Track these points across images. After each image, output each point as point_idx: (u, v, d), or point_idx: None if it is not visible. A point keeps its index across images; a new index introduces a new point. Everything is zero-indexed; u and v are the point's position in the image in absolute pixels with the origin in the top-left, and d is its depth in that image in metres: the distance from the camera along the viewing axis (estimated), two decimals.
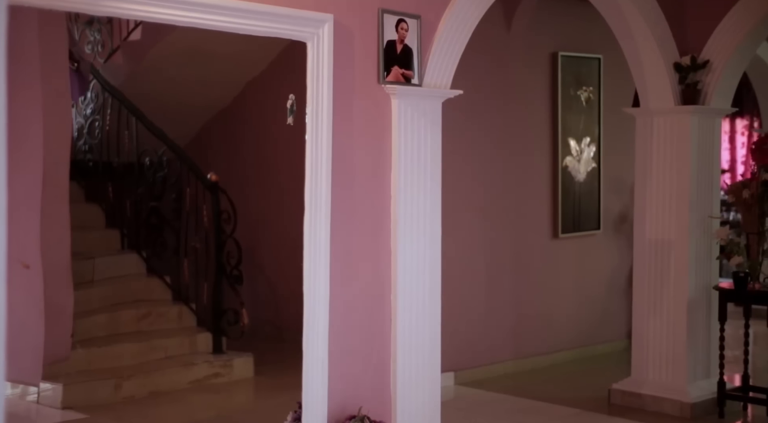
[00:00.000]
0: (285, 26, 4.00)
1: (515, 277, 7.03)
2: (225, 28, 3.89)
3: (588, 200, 7.48)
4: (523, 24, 6.92)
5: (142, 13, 3.69)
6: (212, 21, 3.81)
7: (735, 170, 10.47)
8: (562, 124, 7.28)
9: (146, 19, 3.87)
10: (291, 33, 4.05)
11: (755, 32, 5.73)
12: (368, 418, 4.16)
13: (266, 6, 3.90)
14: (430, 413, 4.51)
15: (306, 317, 4.09)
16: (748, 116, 10.44)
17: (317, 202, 4.09)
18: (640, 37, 5.70)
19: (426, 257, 4.48)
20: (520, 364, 6.97)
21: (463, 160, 6.56)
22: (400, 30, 4.34)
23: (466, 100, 5.37)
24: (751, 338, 5.85)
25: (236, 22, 3.86)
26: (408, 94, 4.38)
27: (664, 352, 5.83)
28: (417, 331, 4.44)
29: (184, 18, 3.74)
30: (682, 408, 5.70)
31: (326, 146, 4.11)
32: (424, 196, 4.47)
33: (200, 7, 3.72)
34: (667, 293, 5.82)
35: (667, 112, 5.80)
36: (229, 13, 3.81)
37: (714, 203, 5.93)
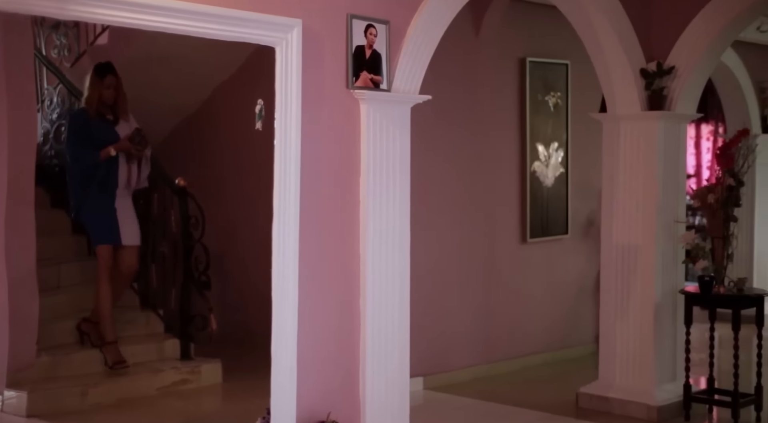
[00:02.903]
0: (253, 31, 3.99)
1: (484, 281, 7.05)
2: (193, 33, 3.87)
3: (556, 205, 7.53)
4: (492, 30, 6.96)
5: (109, 18, 3.66)
6: (180, 26, 3.79)
7: (700, 175, 10.58)
8: (530, 130, 7.32)
9: (113, 23, 3.84)
10: (259, 38, 4.04)
11: (719, 39, 5.80)
12: None
13: (234, 11, 3.89)
14: (399, 418, 4.51)
15: (274, 323, 4.08)
16: (713, 122, 10.55)
17: (286, 207, 4.08)
18: (607, 44, 5.75)
19: (395, 262, 4.48)
20: (489, 369, 6.99)
21: (431, 165, 6.58)
22: (369, 35, 4.35)
23: (435, 106, 5.39)
24: (716, 341, 5.91)
25: (204, 26, 3.85)
26: (377, 100, 4.38)
27: (631, 356, 5.88)
28: (386, 336, 4.44)
29: (152, 23, 3.72)
30: (648, 411, 5.74)
31: (295, 151, 4.10)
32: (393, 201, 4.47)
33: (168, 11, 3.70)
34: (633, 297, 5.87)
35: (633, 118, 5.85)
36: (197, 18, 3.79)
37: (680, 208, 5.99)
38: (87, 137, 5.99)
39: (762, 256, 9.40)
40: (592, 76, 6.09)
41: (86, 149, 5.98)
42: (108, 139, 6.00)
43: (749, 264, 9.11)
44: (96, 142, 5.98)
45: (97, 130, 6.01)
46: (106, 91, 6.02)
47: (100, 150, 5.96)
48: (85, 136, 6.00)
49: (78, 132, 6.04)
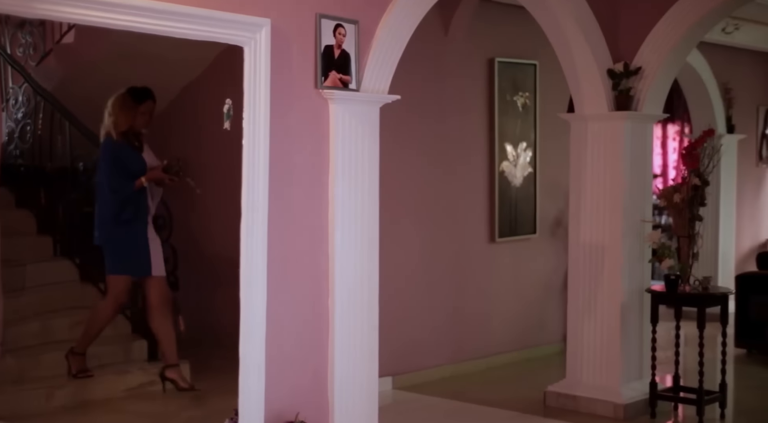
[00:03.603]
0: (222, 30, 3.97)
1: (453, 281, 7.07)
2: (161, 32, 3.84)
3: (524, 205, 7.57)
4: (461, 30, 6.98)
5: (75, 16, 3.62)
6: (147, 25, 3.76)
7: (667, 175, 10.69)
8: (498, 129, 7.35)
9: (79, 21, 3.81)
10: (228, 37, 4.02)
11: (685, 40, 5.86)
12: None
13: (203, 10, 3.87)
14: (367, 418, 4.51)
15: (243, 323, 4.06)
16: (679, 122, 10.65)
17: (254, 207, 4.07)
18: (575, 44, 5.79)
19: (364, 262, 4.48)
20: (458, 368, 7.01)
21: (400, 165, 6.59)
22: (338, 35, 4.35)
23: (404, 106, 5.40)
24: (681, 339, 5.98)
25: (172, 25, 3.82)
26: (345, 99, 4.38)
27: (598, 354, 5.92)
28: (355, 336, 4.44)
29: (119, 21, 3.69)
30: (615, 409, 5.79)
31: (263, 151, 4.09)
32: (361, 200, 4.47)
33: (135, 10, 3.68)
34: (600, 296, 5.91)
35: (601, 118, 5.90)
36: (165, 17, 3.77)
37: (646, 207, 6.05)
38: (123, 166, 5.77)
39: (726, 254, 9.51)
40: (560, 76, 6.13)
41: (123, 179, 5.74)
42: (140, 168, 5.78)
43: (714, 263, 9.21)
44: (129, 171, 5.77)
45: (128, 158, 5.81)
46: (141, 118, 5.79)
47: (132, 179, 5.75)
48: (122, 166, 5.76)
49: (115, 160, 5.77)
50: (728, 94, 9.50)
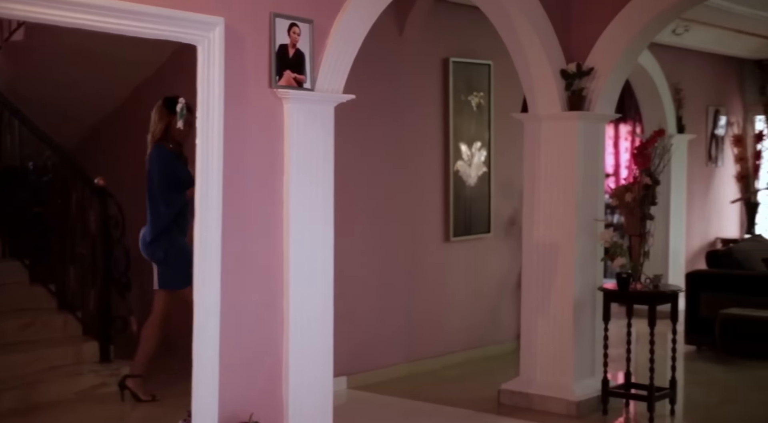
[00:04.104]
0: (175, 29, 3.94)
1: (408, 280, 7.09)
2: (112, 30, 3.80)
3: (479, 204, 7.61)
4: (415, 30, 7.00)
5: (24, 13, 3.57)
6: (98, 22, 3.72)
7: (619, 174, 10.81)
8: (453, 129, 7.38)
9: (28, 19, 3.75)
10: (181, 36, 3.99)
11: (636, 41, 5.94)
12: None
13: (155, 8, 3.83)
14: (322, 418, 4.51)
15: (196, 323, 4.04)
16: (631, 122, 10.78)
17: (208, 207, 4.04)
18: (528, 45, 5.83)
19: (318, 262, 4.47)
20: (413, 367, 7.03)
21: (355, 165, 6.58)
22: (292, 34, 4.33)
23: (359, 105, 5.39)
24: (633, 337, 6.05)
25: (124, 23, 3.78)
26: (300, 99, 4.37)
27: (551, 352, 5.98)
28: (309, 336, 4.43)
29: (69, 19, 3.64)
30: (568, 406, 5.85)
31: (217, 150, 4.07)
32: (316, 200, 4.46)
33: (86, 8, 3.63)
34: (554, 294, 5.97)
35: (554, 118, 5.95)
36: (116, 15, 3.73)
37: (599, 206, 6.11)
38: (175, 178, 5.68)
39: (677, 253, 9.66)
40: (514, 76, 6.17)
41: (176, 192, 5.67)
42: (188, 179, 5.50)
43: (665, 261, 9.35)
44: (181, 182, 5.66)
45: (178, 170, 5.70)
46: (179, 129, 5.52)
47: (183, 191, 5.65)
48: (174, 178, 5.69)
49: (169, 172, 5.69)
50: (678, 95, 9.64)
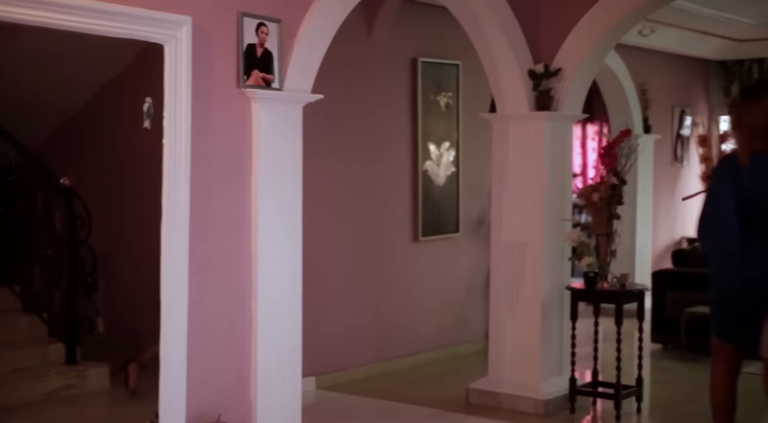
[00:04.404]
0: (141, 28, 3.91)
1: (376, 280, 7.09)
2: (78, 29, 3.76)
3: (447, 204, 7.63)
4: (384, 30, 7.00)
5: None
6: (64, 21, 3.68)
7: (586, 174, 10.89)
8: (422, 129, 7.39)
9: None
10: (147, 35, 3.97)
11: (603, 42, 5.98)
12: None
13: (121, 6, 3.81)
14: (290, 418, 4.50)
15: (163, 325, 4.01)
16: (598, 122, 10.86)
17: (175, 207, 4.02)
18: (496, 45, 5.85)
19: (287, 262, 4.46)
20: (382, 367, 7.04)
21: (323, 165, 6.57)
22: (260, 34, 4.32)
23: (327, 105, 5.39)
24: (600, 336, 6.09)
25: (89, 22, 3.75)
26: (268, 98, 4.36)
27: (520, 351, 6.00)
28: (277, 336, 4.42)
29: (34, 17, 3.61)
30: (536, 405, 5.87)
31: (185, 151, 4.05)
32: (284, 200, 4.45)
33: (51, 6, 3.60)
34: (522, 294, 5.99)
35: (522, 118, 5.98)
36: (82, 14, 3.70)
37: (566, 206, 6.15)
38: None
39: (643, 252, 9.74)
40: (483, 76, 6.19)
41: None
42: None
43: (631, 260, 9.42)
44: None
45: None
46: None
47: None
48: None
49: None
50: (644, 95, 9.72)
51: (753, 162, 4.16)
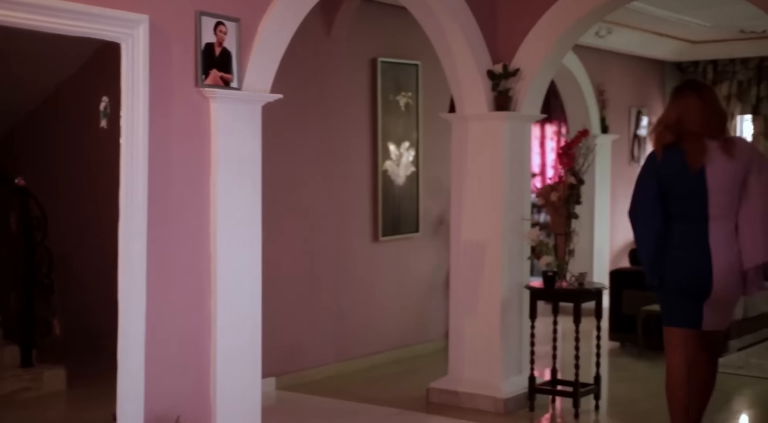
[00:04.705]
0: (97, 26, 3.87)
1: (336, 280, 7.08)
2: (33, 27, 3.71)
3: (407, 203, 7.64)
4: (343, 30, 6.99)
5: None
6: (18, 19, 3.63)
7: (545, 174, 10.97)
8: (381, 129, 7.40)
9: None
10: (104, 34, 3.93)
11: (561, 42, 6.03)
12: None
13: (77, 5, 3.76)
14: (250, 419, 4.48)
15: (121, 326, 3.98)
16: (556, 122, 10.95)
17: (133, 207, 3.99)
18: (455, 45, 5.88)
19: (246, 263, 4.44)
20: (342, 367, 7.03)
21: (283, 164, 6.55)
22: (219, 33, 4.29)
23: (287, 105, 5.37)
24: (559, 334, 6.14)
25: (45, 20, 3.70)
26: (227, 98, 4.33)
27: (479, 350, 6.03)
28: (237, 337, 4.40)
29: None
30: (495, 403, 5.91)
31: (142, 150, 4.01)
32: (244, 200, 4.43)
33: (4, 4, 3.55)
34: (482, 293, 6.02)
35: (481, 118, 6.01)
36: (37, 12, 3.65)
37: (525, 206, 6.19)
38: None
39: (601, 251, 9.84)
40: (442, 76, 6.21)
41: None
42: None
43: (589, 259, 9.51)
44: None
45: None
46: None
47: None
48: None
49: None
50: (602, 96, 9.82)
51: (664, 155, 4.52)
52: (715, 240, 4.42)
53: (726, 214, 4.44)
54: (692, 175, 4.45)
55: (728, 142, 4.47)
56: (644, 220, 4.59)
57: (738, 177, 4.42)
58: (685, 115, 4.49)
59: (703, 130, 4.46)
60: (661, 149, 4.54)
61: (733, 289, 4.46)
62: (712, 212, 4.44)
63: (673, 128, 4.51)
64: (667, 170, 4.51)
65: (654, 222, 4.53)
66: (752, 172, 4.43)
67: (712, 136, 4.46)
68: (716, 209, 4.43)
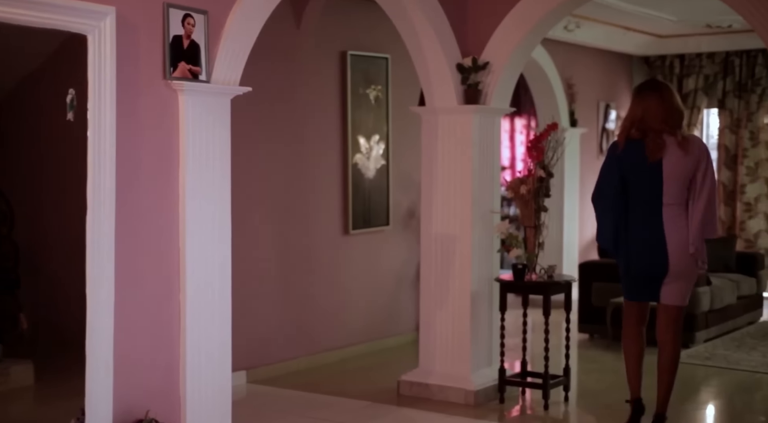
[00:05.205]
0: (62, 18, 3.83)
1: (306, 273, 7.07)
2: None
3: (377, 197, 7.65)
4: (313, 22, 6.97)
5: None
6: None
7: (514, 167, 11.02)
8: (351, 122, 7.39)
9: None
10: (69, 25, 3.89)
11: (530, 36, 6.05)
12: (156, 421, 4.07)
13: None
14: (220, 413, 4.47)
15: (89, 320, 3.95)
16: (526, 116, 11.00)
17: (100, 201, 3.96)
18: (425, 39, 5.88)
19: (215, 256, 4.43)
20: (312, 360, 7.03)
21: (252, 158, 6.53)
22: (187, 25, 4.27)
23: (256, 98, 5.35)
24: (529, 326, 6.18)
25: (9, 11, 3.67)
26: (195, 91, 4.31)
27: (450, 343, 6.06)
28: (207, 331, 4.38)
29: None
30: (466, 395, 5.93)
31: (109, 143, 3.98)
32: (213, 194, 4.41)
33: None
34: (452, 286, 6.04)
35: (450, 111, 6.02)
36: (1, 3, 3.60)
37: (495, 199, 6.21)
38: None
39: (570, 244, 9.91)
40: (412, 70, 6.21)
41: None
42: None
43: (559, 252, 9.57)
44: None
45: None
46: None
47: None
48: None
49: None
50: (571, 90, 9.88)
51: (626, 146, 5.08)
52: (669, 223, 5.00)
53: (677, 201, 5.02)
54: (650, 166, 5.01)
55: (685, 139, 5.03)
56: (606, 204, 5.14)
57: (689, 170, 5.01)
58: (647, 112, 5.03)
59: (663, 126, 5.01)
60: (624, 140, 5.10)
61: (688, 265, 5.02)
62: (666, 199, 5.01)
63: (638, 125, 5.05)
64: (629, 160, 5.06)
65: (615, 206, 5.08)
66: (700, 169, 5.02)
67: (670, 132, 5.02)
68: (669, 197, 5.01)
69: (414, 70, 6.13)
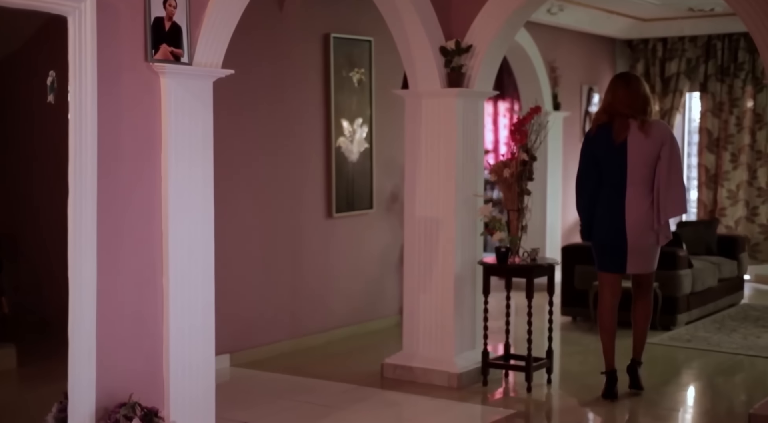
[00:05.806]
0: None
1: (290, 257, 7.07)
2: None
3: (361, 180, 7.64)
4: (295, 5, 6.94)
5: None
6: None
7: (498, 150, 11.04)
8: (335, 105, 7.37)
9: None
10: (49, 6, 3.85)
11: (513, 19, 6.04)
12: (139, 405, 4.07)
13: None
14: (204, 396, 4.47)
15: (71, 305, 3.93)
16: (509, 99, 11.01)
17: (82, 185, 3.93)
18: (408, 21, 5.86)
19: (199, 240, 4.41)
20: (296, 344, 7.03)
21: (235, 141, 6.50)
22: (168, 7, 4.23)
23: (238, 80, 5.33)
24: (512, 309, 6.20)
25: None
26: (177, 73, 4.28)
27: (433, 326, 6.07)
28: (190, 314, 4.37)
29: None
30: (449, 378, 5.96)
31: (91, 126, 3.95)
32: (196, 177, 4.39)
33: None
34: (435, 269, 6.05)
35: (434, 95, 6.01)
36: None
37: (478, 182, 6.22)
38: None
39: (553, 227, 9.93)
40: (395, 53, 6.20)
41: None
42: None
43: (542, 235, 9.60)
44: None
45: None
46: None
47: None
48: None
49: None
50: (554, 73, 9.88)
51: (597, 131, 5.62)
52: (630, 201, 5.50)
53: (641, 181, 5.50)
54: (616, 148, 5.50)
55: (646, 124, 5.50)
56: (583, 185, 5.69)
57: (652, 153, 5.47)
58: (615, 98, 5.57)
59: (628, 110, 5.51)
60: (596, 127, 5.64)
61: (646, 239, 5.53)
62: (630, 179, 5.50)
63: (607, 110, 5.59)
64: (599, 144, 5.59)
65: (590, 187, 5.63)
66: (664, 153, 5.46)
67: (635, 117, 5.50)
68: (633, 177, 5.49)
69: (397, 53, 6.11)
